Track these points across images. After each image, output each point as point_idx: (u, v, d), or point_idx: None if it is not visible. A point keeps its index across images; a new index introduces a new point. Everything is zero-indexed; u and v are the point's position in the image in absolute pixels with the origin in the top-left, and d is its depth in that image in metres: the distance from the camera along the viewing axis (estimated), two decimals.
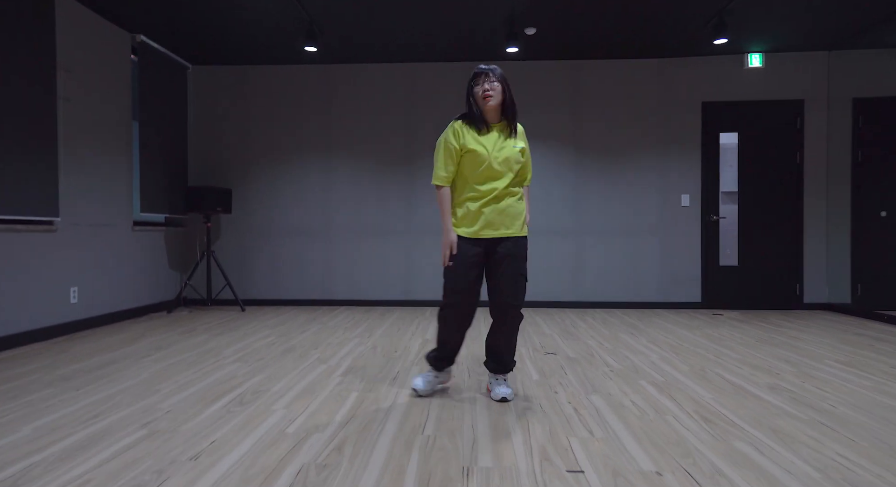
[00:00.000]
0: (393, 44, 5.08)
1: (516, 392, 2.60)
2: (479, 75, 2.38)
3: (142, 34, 4.73)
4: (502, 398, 2.45)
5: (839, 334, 4.11)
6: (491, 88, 2.35)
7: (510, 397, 2.46)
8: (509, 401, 2.46)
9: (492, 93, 2.35)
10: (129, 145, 4.71)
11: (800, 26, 4.68)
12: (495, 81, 2.36)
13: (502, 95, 2.38)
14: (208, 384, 2.73)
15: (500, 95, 2.37)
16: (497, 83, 2.36)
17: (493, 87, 2.35)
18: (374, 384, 2.73)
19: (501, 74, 2.39)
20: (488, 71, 2.38)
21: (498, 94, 2.36)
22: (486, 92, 2.35)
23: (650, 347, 3.66)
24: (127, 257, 4.67)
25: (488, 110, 2.40)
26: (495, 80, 2.36)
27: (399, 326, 4.50)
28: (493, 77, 2.36)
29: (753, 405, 2.38)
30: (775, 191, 5.39)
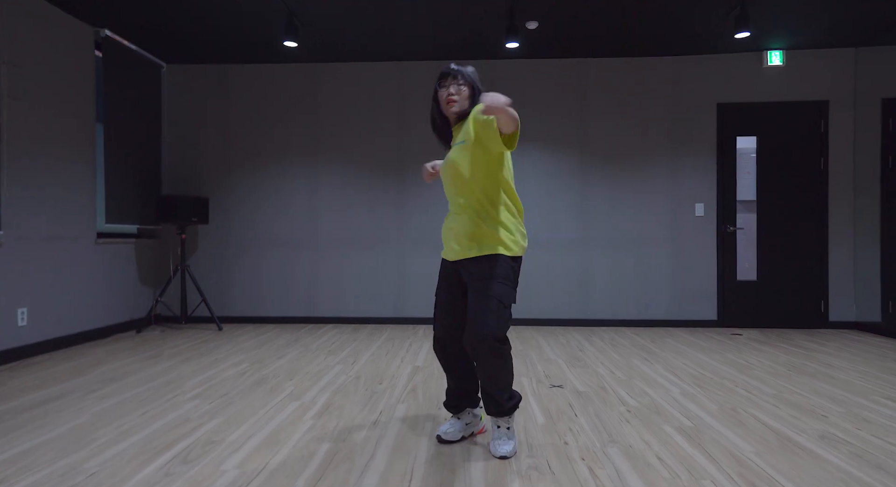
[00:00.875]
0: (382, 41, 4.68)
1: (520, 440, 2.18)
2: (446, 77, 2.05)
3: (107, 29, 4.32)
4: (501, 456, 2.02)
5: (876, 360, 3.69)
6: (457, 93, 2.03)
7: (509, 454, 2.03)
8: (509, 459, 2.03)
9: (456, 97, 2.03)
10: (93, 150, 4.29)
11: (824, 20, 4.28)
12: (463, 85, 2.04)
13: (469, 102, 2.06)
14: (155, 430, 2.30)
15: (466, 101, 2.05)
16: (465, 87, 2.04)
17: (459, 90, 2.03)
18: (351, 431, 2.31)
19: (470, 75, 2.06)
20: (456, 72, 2.04)
21: (464, 99, 2.04)
22: (450, 96, 2.03)
23: (669, 377, 3.23)
24: (89, 273, 4.25)
25: (452, 118, 2.10)
26: (463, 83, 2.04)
27: (388, 348, 4.07)
28: (460, 79, 2.04)
29: (808, 465, 1.96)
30: (797, 200, 4.97)
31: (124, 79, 4.60)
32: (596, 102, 5.09)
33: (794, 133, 4.97)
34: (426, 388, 2.99)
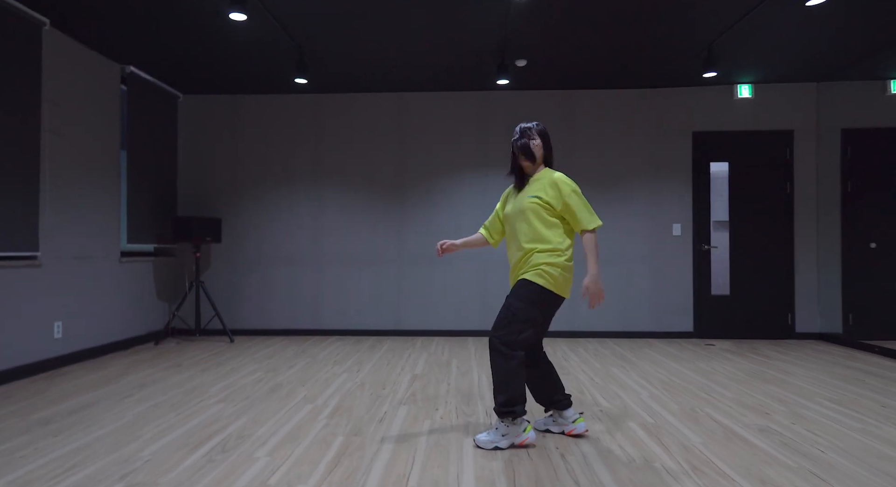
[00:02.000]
0: (383, 74, 5.11)
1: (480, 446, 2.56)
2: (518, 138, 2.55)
3: (131, 65, 4.74)
4: (475, 439, 2.45)
5: (830, 367, 4.09)
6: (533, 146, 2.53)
7: (480, 441, 2.41)
8: (479, 447, 2.41)
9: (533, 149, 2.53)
10: (117, 176, 4.69)
11: (788, 58, 4.74)
12: (537, 138, 2.54)
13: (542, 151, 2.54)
14: (191, 428, 2.67)
15: (540, 150, 2.54)
16: (538, 139, 2.54)
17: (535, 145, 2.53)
18: (361, 427, 2.69)
19: (543, 130, 2.56)
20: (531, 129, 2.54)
21: (538, 149, 2.53)
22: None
23: (641, 383, 3.62)
24: (113, 289, 4.63)
25: (527, 169, 2.58)
26: (537, 136, 2.54)
27: (389, 358, 4.45)
28: (534, 134, 2.54)
29: (743, 452, 2.35)
30: (766, 220, 5.41)
31: (145, 109, 5.01)
32: (582, 130, 5.53)
33: (763, 159, 5.42)
34: (424, 393, 3.37)
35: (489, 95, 5.59)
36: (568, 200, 2.40)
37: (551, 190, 2.42)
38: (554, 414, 2.60)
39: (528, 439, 2.41)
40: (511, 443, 2.40)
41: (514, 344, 2.38)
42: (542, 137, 2.53)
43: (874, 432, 2.61)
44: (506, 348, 2.38)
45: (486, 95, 5.59)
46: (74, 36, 4.14)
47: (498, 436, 2.41)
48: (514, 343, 2.38)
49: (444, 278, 5.56)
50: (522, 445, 2.42)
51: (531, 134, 2.51)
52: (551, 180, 2.44)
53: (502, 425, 2.41)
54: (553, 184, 2.43)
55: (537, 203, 2.42)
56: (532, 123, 2.54)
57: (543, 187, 2.44)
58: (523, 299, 2.39)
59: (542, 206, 2.42)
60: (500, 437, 2.40)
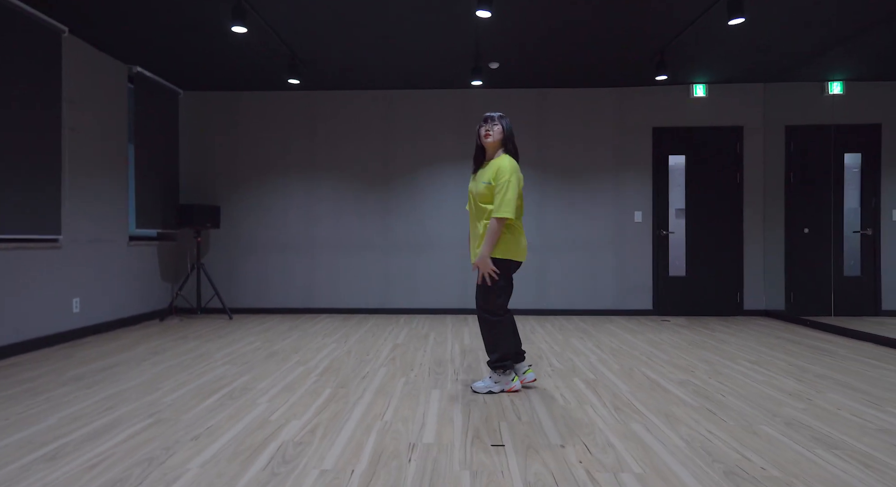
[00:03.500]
0: (370, 73, 5.56)
1: (466, 383, 3.07)
2: (486, 119, 2.93)
3: (137, 65, 5.16)
4: (473, 387, 3.00)
5: (763, 338, 4.64)
6: (491, 130, 2.90)
7: (479, 388, 2.96)
8: (476, 392, 2.96)
9: (491, 132, 2.90)
10: (125, 167, 5.13)
11: (737, 62, 5.24)
12: (496, 125, 2.91)
13: (501, 137, 2.92)
14: (202, 382, 3.16)
15: (499, 135, 2.91)
16: (498, 125, 2.92)
17: (492, 129, 2.90)
18: (347, 382, 3.19)
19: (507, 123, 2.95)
20: (495, 116, 2.92)
21: (497, 133, 2.91)
22: (487, 131, 2.91)
23: (594, 350, 4.15)
24: (123, 270, 5.08)
25: (487, 147, 2.95)
26: (498, 123, 2.91)
27: (374, 332, 4.95)
28: (496, 121, 2.91)
29: (660, 397, 2.87)
30: (718, 208, 5.94)
31: (150, 105, 5.44)
32: (552, 126, 6.01)
33: (716, 153, 5.94)
34: (403, 358, 3.88)
35: (468, 94, 6.05)
36: (498, 183, 2.78)
37: (494, 174, 2.85)
38: (510, 372, 3.11)
39: (515, 386, 2.97)
40: (502, 389, 2.96)
41: (495, 311, 2.89)
42: (502, 125, 2.90)
43: (772, 382, 3.15)
44: (490, 315, 2.90)
45: (466, 93, 6.05)
46: (88, 40, 4.55)
47: (491, 383, 2.96)
48: (494, 310, 2.89)
49: (427, 261, 6.06)
50: (511, 391, 2.97)
51: (493, 120, 2.90)
52: (499, 165, 2.82)
53: (495, 374, 2.94)
54: (497, 168, 2.82)
55: (488, 189, 2.87)
56: (496, 113, 2.95)
57: (493, 171, 2.85)
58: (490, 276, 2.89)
59: (489, 190, 2.86)
60: (493, 384, 2.95)
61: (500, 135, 2.91)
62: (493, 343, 2.93)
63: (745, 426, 2.41)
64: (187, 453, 2.11)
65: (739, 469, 1.96)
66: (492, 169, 2.86)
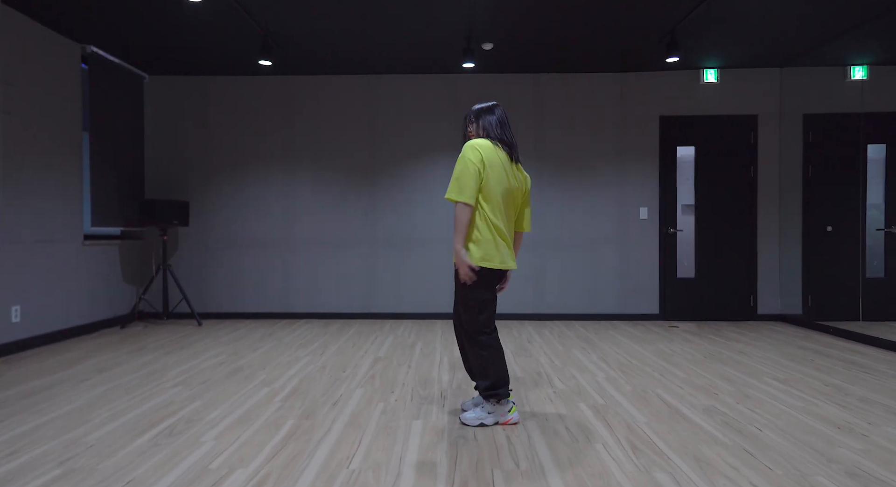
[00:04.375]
0: (352, 56, 5.05)
1: (453, 415, 2.60)
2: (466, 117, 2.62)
3: (92, 45, 4.63)
4: (461, 418, 2.53)
5: (784, 347, 4.20)
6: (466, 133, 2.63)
7: (467, 420, 2.49)
8: (465, 425, 2.50)
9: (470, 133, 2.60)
10: (80, 157, 4.61)
11: (752, 44, 4.77)
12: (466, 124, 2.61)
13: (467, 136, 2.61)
14: (143, 411, 2.67)
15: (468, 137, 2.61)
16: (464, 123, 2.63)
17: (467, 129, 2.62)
18: (314, 410, 2.71)
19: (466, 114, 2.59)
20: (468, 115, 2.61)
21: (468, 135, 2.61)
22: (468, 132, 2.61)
23: (599, 364, 3.69)
24: (77, 273, 4.57)
25: None
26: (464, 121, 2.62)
27: (355, 341, 4.47)
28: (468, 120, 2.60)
29: (684, 431, 2.41)
30: (730, 204, 5.48)
31: (108, 90, 4.91)
32: (550, 113, 5.53)
33: (728, 144, 5.47)
34: (384, 375, 3.40)
35: (459, 79, 5.55)
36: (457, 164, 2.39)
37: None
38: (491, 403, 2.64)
39: (512, 419, 2.50)
40: (496, 421, 2.49)
41: (480, 328, 2.43)
42: (464, 121, 2.58)
43: (812, 410, 2.69)
44: (475, 334, 2.44)
45: (456, 78, 5.56)
46: (30, 14, 4.02)
47: (483, 414, 2.49)
48: (479, 327, 2.43)
49: (415, 261, 5.58)
50: (507, 424, 2.50)
51: (468, 119, 2.57)
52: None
53: (488, 404, 2.48)
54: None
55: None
56: (472, 109, 2.56)
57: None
58: (465, 287, 2.43)
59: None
60: (485, 415, 2.49)
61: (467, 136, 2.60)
62: (483, 367, 2.45)
63: (796, 476, 1.95)
64: None
65: None
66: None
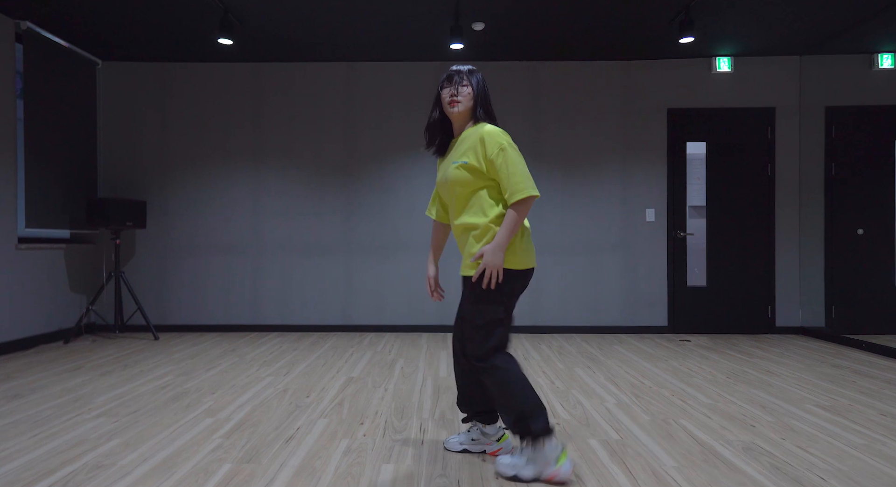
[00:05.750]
0: (327, 40, 4.54)
1: (434, 456, 2.05)
2: (450, 78, 1.97)
3: (28, 21, 4.09)
4: (497, 471, 1.92)
5: (816, 366, 3.68)
6: (458, 93, 1.95)
7: (503, 471, 1.89)
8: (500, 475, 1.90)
9: (459, 98, 1.94)
10: (13, 150, 4.05)
11: (770, 28, 4.31)
12: (467, 86, 1.96)
13: (473, 103, 1.96)
14: (42, 454, 2.11)
15: (470, 102, 1.96)
16: (468, 87, 1.96)
17: (459, 90, 1.95)
18: (260, 450, 2.16)
19: (479, 78, 1.99)
20: (463, 72, 1.97)
21: (467, 99, 1.95)
22: (452, 96, 1.95)
23: (608, 387, 3.16)
24: (9, 279, 4.00)
25: (455, 121, 2.00)
26: (468, 83, 1.96)
27: (328, 358, 3.92)
28: (466, 80, 1.96)
29: (726, 479, 1.88)
30: (745, 206, 4.99)
31: (53, 76, 4.37)
32: (548, 106, 5.04)
33: (742, 139, 4.99)
34: (354, 401, 2.86)
35: (446, 66, 5.05)
36: (493, 158, 1.85)
37: (480, 148, 1.88)
38: (473, 428, 2.13)
39: (561, 474, 1.83)
40: (538, 475, 1.85)
41: (488, 354, 1.86)
42: (472, 84, 1.96)
43: (879, 449, 2.18)
44: (494, 359, 1.86)
45: (445, 65, 5.06)
46: None
47: (522, 461, 1.87)
48: (487, 354, 1.86)
49: (397, 268, 5.04)
50: (552, 481, 1.84)
51: (461, 79, 1.96)
52: (479, 133, 1.89)
53: (527, 449, 1.87)
54: (479, 138, 1.89)
55: (464, 170, 1.90)
56: (465, 67, 1.99)
57: (472, 146, 1.90)
58: (480, 303, 1.87)
59: (470, 172, 1.89)
60: (523, 462, 1.87)
61: (469, 100, 1.96)
62: (508, 397, 1.84)
63: None
64: None
65: None
66: (468, 142, 1.92)
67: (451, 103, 1.94)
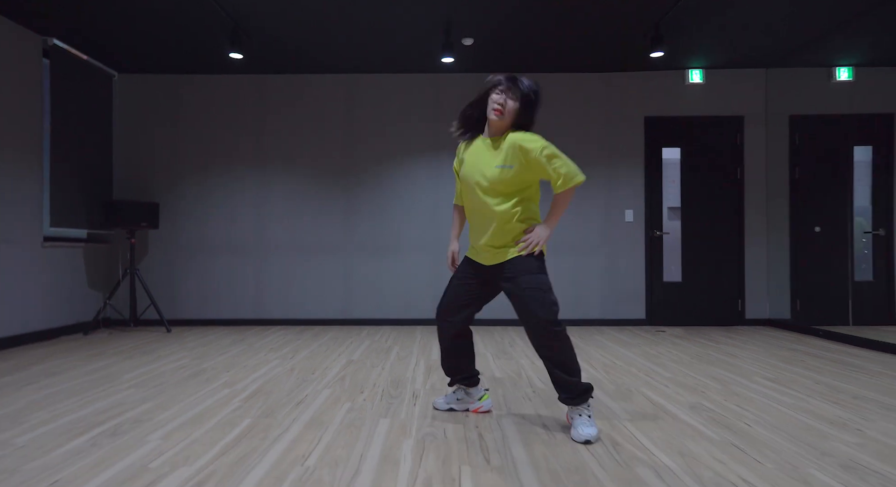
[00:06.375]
0: (327, 54, 4.93)
1: (424, 412, 2.41)
2: (499, 85, 2.12)
3: (55, 38, 4.47)
4: (584, 440, 2.05)
5: (774, 350, 4.06)
6: (504, 104, 2.10)
7: (592, 438, 2.04)
8: (592, 442, 2.07)
9: (504, 111, 2.10)
10: (40, 156, 4.42)
11: (737, 43, 4.71)
12: (515, 101, 2.10)
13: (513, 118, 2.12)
14: (87, 413, 2.46)
15: (513, 115, 2.11)
16: (516, 103, 2.10)
17: (509, 105, 2.10)
18: (275, 409, 2.51)
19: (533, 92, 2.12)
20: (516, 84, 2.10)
21: (509, 114, 2.11)
22: (497, 105, 2.10)
23: (583, 366, 3.52)
24: (35, 276, 4.35)
25: (491, 124, 2.16)
26: (517, 98, 2.10)
27: (329, 346, 4.27)
28: (516, 94, 2.10)
29: (669, 427, 2.24)
30: (717, 207, 5.38)
31: (75, 87, 4.74)
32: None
33: (714, 145, 5.39)
34: (354, 377, 3.21)
35: (441, 78, 5.45)
36: (540, 158, 2.05)
37: (521, 155, 2.08)
38: (458, 390, 2.48)
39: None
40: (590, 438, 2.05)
41: (557, 319, 2.09)
42: (524, 102, 2.10)
43: (804, 406, 2.54)
44: (558, 326, 2.08)
45: (438, 77, 5.45)
46: None
47: (588, 422, 2.10)
48: (557, 318, 2.09)
49: (394, 266, 5.40)
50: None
51: (511, 88, 2.09)
52: (520, 140, 2.08)
53: (586, 408, 2.13)
54: (518, 144, 2.07)
55: (508, 172, 2.11)
56: (524, 79, 2.11)
57: (514, 152, 2.09)
58: (536, 273, 2.12)
59: (514, 175, 2.11)
60: (589, 422, 2.10)
61: (512, 116, 2.11)
62: (572, 359, 2.11)
63: (788, 470, 1.79)
64: None
65: None
66: (508, 147, 2.10)
67: (496, 111, 2.09)
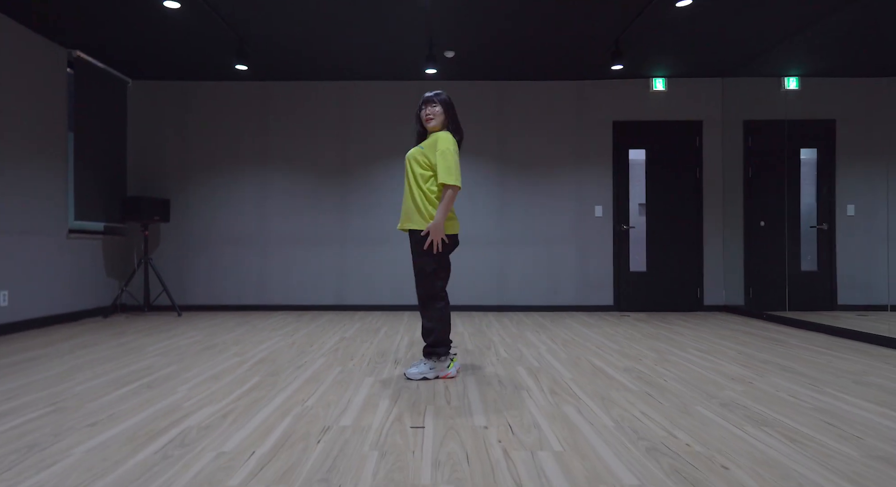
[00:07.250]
0: (324, 63, 5.43)
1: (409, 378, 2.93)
2: (426, 102, 2.86)
3: (78, 50, 4.96)
4: (406, 374, 2.87)
5: (718, 330, 4.59)
6: (432, 113, 2.84)
7: (411, 374, 2.84)
8: (409, 379, 2.84)
9: (433, 116, 2.84)
10: (65, 156, 4.91)
11: (694, 54, 5.23)
12: (437, 106, 2.84)
13: (444, 117, 2.86)
14: (124, 373, 2.97)
15: (441, 116, 2.85)
16: (438, 107, 2.84)
17: (434, 111, 2.84)
18: (278, 372, 3.03)
19: (444, 99, 2.85)
20: (433, 97, 2.85)
21: (438, 116, 2.84)
22: (428, 115, 2.85)
23: (546, 342, 4.04)
24: (61, 263, 4.85)
25: (430, 129, 2.89)
26: (437, 104, 2.84)
27: (325, 327, 4.79)
28: (436, 102, 2.84)
29: (601, 383, 2.77)
30: (678, 203, 5.91)
31: (94, 93, 5.23)
32: (512, 119, 5.94)
33: (676, 147, 5.92)
34: (346, 349, 3.73)
35: (426, 85, 5.95)
36: (438, 155, 2.72)
37: (433, 144, 2.77)
38: (432, 359, 2.99)
39: (451, 372, 2.89)
40: (437, 376, 2.86)
41: (438, 294, 2.81)
42: (443, 106, 2.84)
43: (717, 368, 3.07)
44: (434, 300, 2.82)
45: (423, 84, 5.96)
46: (17, 19, 4.35)
47: (426, 369, 2.86)
48: (438, 293, 2.81)
49: (385, 256, 5.91)
50: (446, 377, 2.86)
51: (433, 102, 2.84)
52: (436, 137, 2.77)
53: (430, 361, 2.85)
54: (435, 140, 2.77)
55: (420, 153, 2.80)
56: (433, 93, 2.87)
57: (431, 142, 2.79)
58: (421, 253, 2.77)
59: (423, 156, 2.78)
60: (427, 370, 2.86)
61: (441, 116, 2.86)
62: (432, 329, 2.83)
63: (679, 407, 2.32)
64: (76, 439, 1.94)
65: (663, 445, 1.86)
66: (430, 140, 2.82)
67: (427, 120, 2.87)
